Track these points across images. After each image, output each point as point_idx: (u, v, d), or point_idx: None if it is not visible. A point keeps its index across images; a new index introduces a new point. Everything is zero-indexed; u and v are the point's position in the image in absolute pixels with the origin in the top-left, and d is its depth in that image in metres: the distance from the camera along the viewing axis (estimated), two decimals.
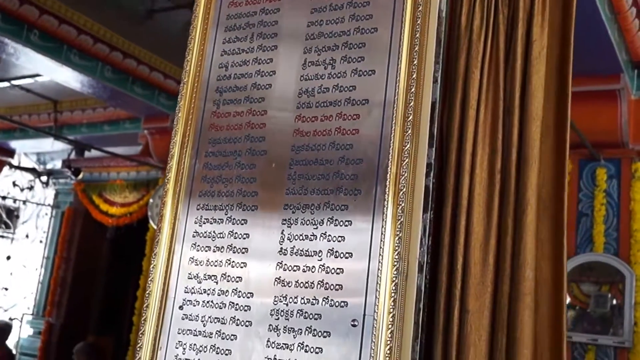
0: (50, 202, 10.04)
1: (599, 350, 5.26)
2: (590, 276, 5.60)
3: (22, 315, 9.86)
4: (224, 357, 1.83)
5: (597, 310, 5.50)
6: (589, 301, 5.61)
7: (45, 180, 9.91)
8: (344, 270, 1.74)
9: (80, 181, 8.79)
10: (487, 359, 1.89)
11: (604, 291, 5.60)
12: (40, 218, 10.18)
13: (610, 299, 5.51)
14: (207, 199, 1.99)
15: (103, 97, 6.82)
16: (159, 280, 1.96)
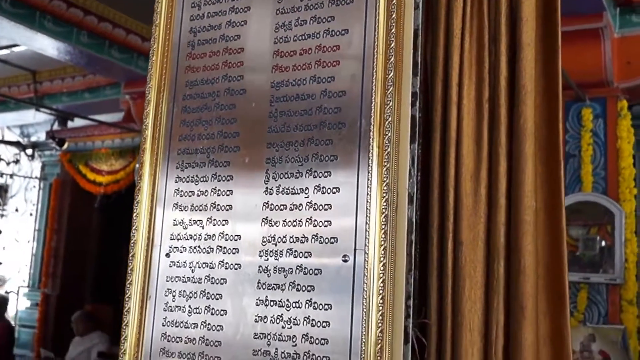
0: (37, 175, 9.92)
1: (591, 288, 5.29)
2: (578, 219, 5.61)
3: (18, 288, 9.82)
4: (214, 301, 1.78)
5: (587, 253, 5.52)
6: (578, 244, 5.62)
7: (31, 153, 9.77)
8: (332, 206, 1.68)
9: (65, 152, 8.67)
10: (484, 289, 1.85)
11: (592, 234, 5.61)
12: (29, 191, 10.07)
13: (598, 241, 5.53)
14: (187, 142, 1.91)
15: (81, 64, 6.66)
16: (143, 229, 1.89)
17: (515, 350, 1.76)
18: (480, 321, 1.84)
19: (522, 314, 1.77)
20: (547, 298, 1.88)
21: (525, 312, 1.78)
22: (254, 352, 1.70)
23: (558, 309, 1.86)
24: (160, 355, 1.83)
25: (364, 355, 1.55)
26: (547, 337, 1.87)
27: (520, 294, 1.78)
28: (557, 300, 1.86)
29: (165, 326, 1.83)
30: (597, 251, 5.49)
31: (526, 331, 1.78)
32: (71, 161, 8.89)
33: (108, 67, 6.54)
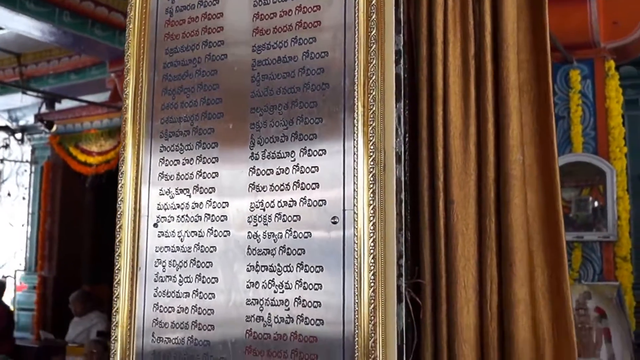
0: (28, 159, 9.84)
1: (585, 246, 5.31)
2: (569, 181, 5.60)
3: (15, 271, 9.80)
4: (205, 269, 1.76)
5: (580, 214, 5.53)
6: (571, 206, 5.63)
7: (20, 137, 9.68)
8: (318, 168, 1.65)
9: (54, 134, 8.59)
10: (476, 246, 1.83)
11: (584, 195, 5.61)
12: (20, 175, 9.99)
13: (591, 202, 5.53)
14: (170, 111, 1.87)
15: (65, 45, 6.57)
16: (129, 199, 1.86)
17: (508, 306, 1.75)
18: (474, 278, 1.83)
19: (511, 269, 1.76)
20: (545, 252, 1.87)
21: (514, 268, 1.77)
22: (247, 318, 1.68)
23: (556, 263, 1.84)
24: (153, 326, 1.81)
25: (357, 316, 1.54)
26: (546, 291, 1.86)
27: (510, 248, 1.77)
28: (555, 254, 1.85)
29: (157, 297, 1.81)
30: (590, 212, 5.50)
31: (516, 286, 1.77)
32: (61, 143, 8.82)
33: (92, 46, 6.45)
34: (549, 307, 1.83)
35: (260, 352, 1.65)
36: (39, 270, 9.32)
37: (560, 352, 1.78)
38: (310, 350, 1.59)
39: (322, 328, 1.58)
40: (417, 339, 1.83)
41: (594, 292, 5.13)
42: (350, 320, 1.55)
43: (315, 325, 1.59)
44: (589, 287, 5.22)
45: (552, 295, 1.83)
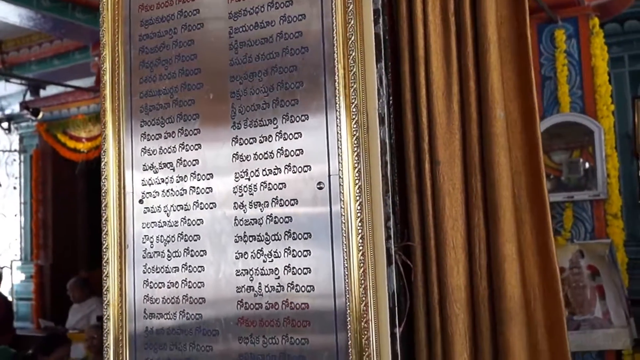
0: (16, 148, 9.74)
1: (576, 206, 5.31)
2: (560, 143, 5.59)
3: (11, 262, 9.77)
4: (193, 243, 1.73)
5: (571, 177, 5.52)
6: (562, 168, 5.62)
7: (7, 127, 9.57)
8: (302, 134, 1.62)
9: (41, 121, 8.49)
10: (464, 206, 1.82)
11: (575, 157, 5.60)
12: (10, 165, 9.90)
13: (582, 163, 5.52)
14: (149, 84, 1.83)
15: (46, 29, 6.46)
16: (113, 177, 1.82)
17: (496, 264, 1.74)
18: (463, 238, 1.81)
19: (497, 226, 1.75)
20: (530, 210, 1.86)
21: (500, 224, 1.75)
22: (237, 289, 1.66)
23: (540, 220, 1.83)
24: (144, 302, 1.79)
25: (347, 281, 1.52)
26: (533, 249, 1.85)
27: (496, 206, 1.75)
28: (539, 211, 1.84)
29: (147, 273, 1.79)
30: (581, 174, 5.49)
31: (503, 245, 1.76)
32: (49, 131, 8.72)
33: (74, 30, 6.34)
34: (536, 264, 1.82)
35: (253, 322, 1.63)
36: (35, 260, 9.29)
37: (549, 307, 1.78)
38: (302, 317, 1.57)
39: (313, 294, 1.56)
40: (409, 301, 1.82)
41: (586, 250, 5.14)
42: (341, 285, 1.53)
43: (306, 292, 1.57)
44: (581, 245, 5.23)
45: (538, 251, 1.82)
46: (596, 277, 5.13)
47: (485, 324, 1.78)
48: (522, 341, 1.74)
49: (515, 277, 1.77)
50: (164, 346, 1.75)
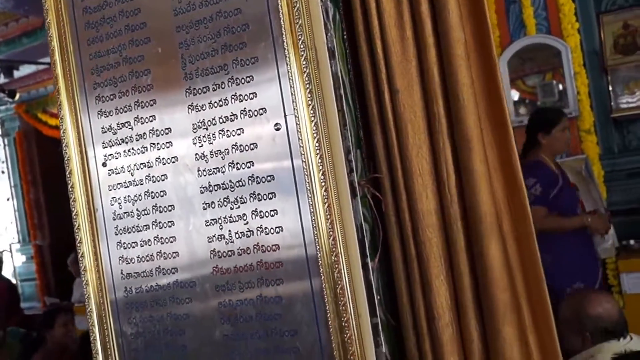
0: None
1: None
2: (532, 67, 5.54)
3: (10, 245, 9.73)
4: (160, 199, 1.70)
5: (547, 101, 5.48)
6: (537, 92, 5.59)
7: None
8: (253, 77, 1.56)
9: (20, 103, 8.33)
10: (427, 133, 1.78)
11: (548, 80, 5.56)
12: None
13: (555, 85, 5.48)
14: (97, 45, 1.76)
15: (8, 8, 6.25)
16: (73, 143, 1.77)
17: (468, 182, 1.71)
18: (428, 164, 1.78)
19: (468, 146, 1.72)
20: (492, 130, 1.83)
21: (471, 144, 1.72)
22: (208, 239, 1.63)
23: (503, 138, 1.80)
24: (120, 264, 1.77)
25: (314, 217, 1.49)
26: (497, 167, 1.82)
27: (465, 127, 1.72)
28: (501, 130, 1.80)
29: (119, 235, 1.76)
30: (556, 97, 5.46)
31: (475, 162, 1.73)
32: (28, 111, 8.58)
33: (37, 6, 6.13)
34: (501, 180, 1.80)
35: (227, 269, 1.61)
36: (33, 240, 9.26)
37: (517, 221, 1.76)
38: (274, 259, 1.55)
39: (282, 235, 1.54)
40: (382, 231, 1.80)
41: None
42: (308, 223, 1.50)
43: (275, 233, 1.55)
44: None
45: (502, 168, 1.79)
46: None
47: (459, 244, 1.76)
48: (500, 256, 1.73)
49: (487, 194, 1.75)
50: (144, 304, 1.73)
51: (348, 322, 1.47)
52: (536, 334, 1.77)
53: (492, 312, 1.71)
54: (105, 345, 1.76)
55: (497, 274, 1.72)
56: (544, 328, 1.78)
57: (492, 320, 1.72)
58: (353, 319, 1.48)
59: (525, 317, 1.76)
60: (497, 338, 1.71)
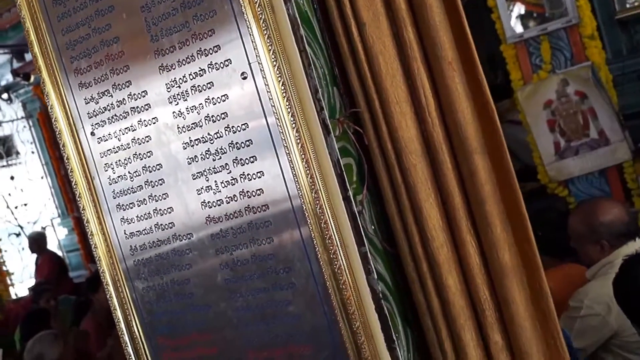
0: (22, 115, 9.76)
1: (552, 37, 5.18)
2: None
3: (51, 220, 10.04)
4: (148, 159, 1.74)
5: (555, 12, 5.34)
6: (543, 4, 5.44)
7: (7, 97, 9.55)
8: (214, 30, 1.57)
9: (36, 84, 8.43)
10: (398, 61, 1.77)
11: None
12: (21, 132, 9.97)
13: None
14: (67, 20, 1.77)
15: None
16: (61, 117, 1.82)
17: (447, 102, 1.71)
18: (404, 91, 1.78)
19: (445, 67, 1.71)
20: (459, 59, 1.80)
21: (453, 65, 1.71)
22: (197, 192, 1.68)
23: (469, 62, 1.77)
24: (122, 224, 1.83)
25: (290, 159, 1.52)
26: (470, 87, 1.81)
27: (439, 49, 1.70)
28: (467, 55, 1.77)
29: (117, 198, 1.82)
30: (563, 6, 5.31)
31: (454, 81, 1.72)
32: None
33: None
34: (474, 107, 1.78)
35: (219, 218, 1.66)
36: (71, 213, 9.52)
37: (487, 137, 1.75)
38: (260, 202, 1.60)
39: (264, 179, 1.58)
40: (367, 165, 1.82)
41: (570, 77, 5.05)
42: (286, 165, 1.53)
43: (257, 178, 1.59)
44: (563, 74, 5.14)
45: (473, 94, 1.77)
46: (585, 101, 5.08)
47: (446, 165, 1.77)
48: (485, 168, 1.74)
49: (469, 113, 1.75)
50: (149, 260, 1.80)
51: (336, 254, 1.52)
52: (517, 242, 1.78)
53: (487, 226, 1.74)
54: (122, 301, 1.85)
55: (485, 188, 1.73)
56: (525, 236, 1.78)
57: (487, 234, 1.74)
58: (340, 250, 1.52)
59: None
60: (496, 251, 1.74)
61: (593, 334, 3.19)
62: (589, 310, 3.19)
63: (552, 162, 5.36)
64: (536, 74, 5.35)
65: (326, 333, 1.57)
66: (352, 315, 1.52)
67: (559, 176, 5.37)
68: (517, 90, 5.45)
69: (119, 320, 1.86)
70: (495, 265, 1.73)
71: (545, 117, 5.38)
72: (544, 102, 5.35)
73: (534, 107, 5.38)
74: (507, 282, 1.71)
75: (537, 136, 5.41)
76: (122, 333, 1.85)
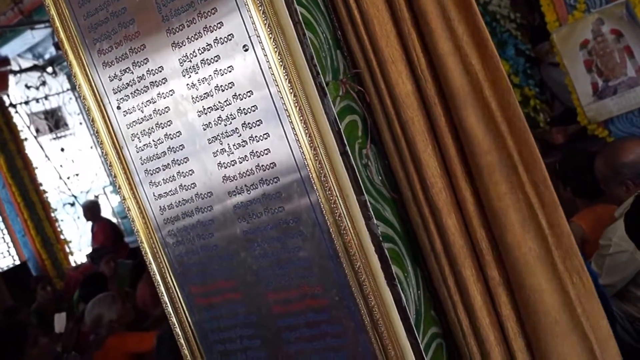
0: (67, 87, 10.22)
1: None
2: None
3: (103, 188, 10.57)
4: (168, 128, 1.98)
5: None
6: None
7: (52, 70, 10.01)
8: (217, 9, 1.77)
9: None
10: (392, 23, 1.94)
11: None
12: (68, 104, 10.45)
13: None
14: (87, 6, 1.99)
15: None
16: (89, 94, 2.07)
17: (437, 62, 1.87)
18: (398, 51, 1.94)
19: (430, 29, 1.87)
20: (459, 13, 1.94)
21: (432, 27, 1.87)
22: (214, 154, 1.92)
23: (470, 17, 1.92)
24: (151, 187, 2.09)
25: (291, 120, 1.73)
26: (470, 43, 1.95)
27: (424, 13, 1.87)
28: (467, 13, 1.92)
29: (144, 164, 2.07)
30: None
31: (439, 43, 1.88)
32: None
33: None
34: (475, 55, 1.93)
35: (234, 177, 1.90)
36: None
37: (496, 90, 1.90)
38: (268, 161, 1.82)
39: (270, 139, 1.79)
40: (370, 121, 2.02)
41: (605, 16, 5.04)
42: (287, 126, 1.74)
43: (264, 139, 1.81)
44: (598, 13, 5.13)
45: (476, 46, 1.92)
46: (620, 39, 5.07)
47: (441, 119, 1.95)
48: (479, 120, 1.91)
49: (458, 71, 1.91)
50: (177, 217, 2.06)
51: (336, 203, 1.73)
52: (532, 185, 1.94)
53: (480, 174, 1.92)
54: (155, 255, 2.13)
55: (477, 139, 1.90)
56: (539, 178, 1.94)
57: (481, 181, 1.93)
58: (340, 200, 1.74)
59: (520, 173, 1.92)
60: (489, 197, 1.92)
61: (622, 270, 3.33)
62: (617, 248, 3.32)
63: (590, 103, 5.40)
64: (571, 14, 5.34)
65: (333, 274, 1.80)
66: (354, 256, 1.74)
67: (598, 117, 5.40)
68: (552, 32, 5.46)
69: (154, 273, 2.14)
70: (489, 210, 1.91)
71: (582, 58, 5.39)
72: (580, 43, 5.36)
73: (570, 48, 5.39)
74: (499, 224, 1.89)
75: (575, 77, 5.44)
76: (157, 284, 2.13)
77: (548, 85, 6.30)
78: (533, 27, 6.35)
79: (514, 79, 5.88)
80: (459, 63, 1.90)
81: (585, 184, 3.92)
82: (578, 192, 4.15)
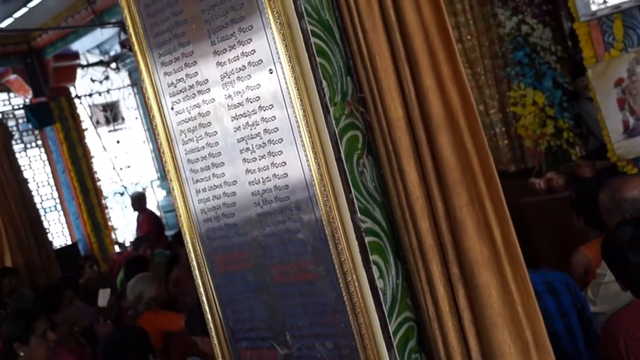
0: (128, 83, 11.15)
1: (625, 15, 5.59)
2: None
3: (151, 182, 11.42)
4: (208, 127, 2.63)
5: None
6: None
7: (115, 66, 10.95)
8: (252, 39, 2.43)
9: None
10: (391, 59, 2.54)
11: None
12: (127, 99, 11.37)
13: None
14: (156, 28, 2.69)
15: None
16: (152, 95, 2.76)
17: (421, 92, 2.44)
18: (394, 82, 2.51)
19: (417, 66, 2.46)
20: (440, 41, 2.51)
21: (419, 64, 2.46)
22: (240, 152, 2.57)
23: (447, 50, 2.50)
24: (191, 173, 2.76)
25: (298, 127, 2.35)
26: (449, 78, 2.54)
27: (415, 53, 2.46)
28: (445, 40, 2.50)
29: (187, 154, 2.75)
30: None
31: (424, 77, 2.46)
32: None
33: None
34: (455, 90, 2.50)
35: (254, 170, 2.55)
36: None
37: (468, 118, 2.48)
38: (281, 160, 2.45)
39: (283, 143, 2.43)
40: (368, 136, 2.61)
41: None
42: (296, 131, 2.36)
43: (279, 143, 2.44)
44: (635, 53, 5.58)
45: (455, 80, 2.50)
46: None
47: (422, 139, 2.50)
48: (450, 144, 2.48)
49: (436, 99, 2.48)
50: (208, 199, 2.72)
51: (328, 198, 2.35)
52: (490, 200, 2.52)
53: (447, 186, 2.49)
54: (192, 232, 2.80)
55: (446, 157, 2.48)
56: (495, 196, 2.52)
57: (448, 193, 2.49)
58: (331, 197, 2.35)
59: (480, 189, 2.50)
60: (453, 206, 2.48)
61: (614, 300, 3.74)
62: (611, 277, 3.74)
63: (620, 140, 5.81)
64: (608, 52, 5.79)
65: (322, 253, 2.42)
66: (338, 240, 2.35)
67: (626, 154, 5.81)
68: (588, 68, 5.91)
69: (187, 243, 2.81)
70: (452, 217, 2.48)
71: (615, 96, 5.82)
72: (614, 81, 5.79)
73: (604, 85, 5.83)
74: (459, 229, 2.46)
75: (607, 114, 5.87)
76: (189, 251, 2.80)
77: (585, 120, 6.69)
78: (575, 61, 6.76)
79: (548, 110, 6.29)
80: (439, 96, 2.48)
81: (596, 215, 4.28)
82: (589, 222, 4.56)
